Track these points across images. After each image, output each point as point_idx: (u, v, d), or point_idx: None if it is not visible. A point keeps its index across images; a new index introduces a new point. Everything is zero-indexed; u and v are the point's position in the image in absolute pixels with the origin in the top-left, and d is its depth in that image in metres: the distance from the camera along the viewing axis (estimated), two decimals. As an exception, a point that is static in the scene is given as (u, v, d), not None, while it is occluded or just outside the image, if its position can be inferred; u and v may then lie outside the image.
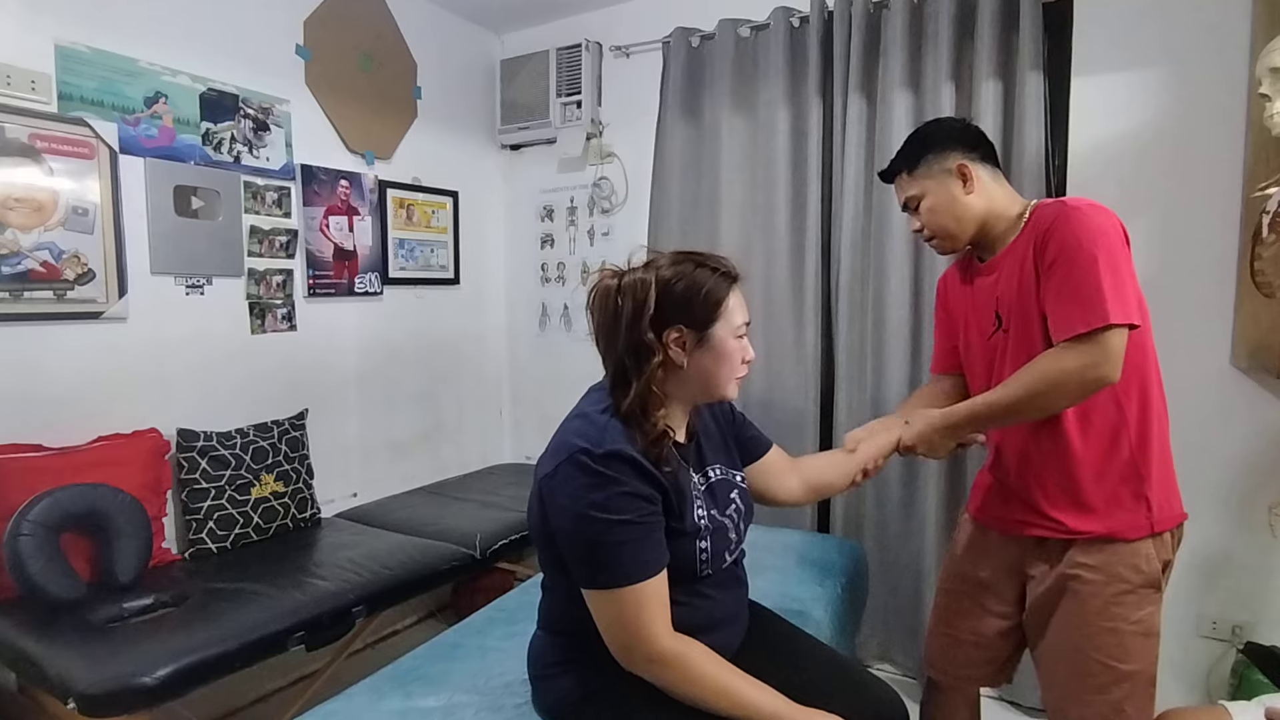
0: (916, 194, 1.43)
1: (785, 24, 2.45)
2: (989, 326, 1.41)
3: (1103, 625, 1.28)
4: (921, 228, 1.45)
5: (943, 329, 1.62)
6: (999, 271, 1.38)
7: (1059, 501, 1.32)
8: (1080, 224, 1.22)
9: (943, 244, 1.45)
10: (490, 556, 2.23)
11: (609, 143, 2.97)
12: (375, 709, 1.26)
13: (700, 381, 1.16)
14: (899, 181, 1.46)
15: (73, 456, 1.87)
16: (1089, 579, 1.29)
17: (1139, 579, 1.28)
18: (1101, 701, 1.29)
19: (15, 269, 1.82)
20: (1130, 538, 1.28)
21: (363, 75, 2.65)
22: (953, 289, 1.56)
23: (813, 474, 1.44)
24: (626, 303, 1.10)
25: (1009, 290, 1.34)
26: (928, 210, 1.42)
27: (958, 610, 1.53)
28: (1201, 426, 2.00)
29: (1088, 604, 1.29)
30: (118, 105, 2.00)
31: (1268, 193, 1.59)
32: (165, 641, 1.59)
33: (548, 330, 3.23)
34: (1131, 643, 1.28)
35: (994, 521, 1.46)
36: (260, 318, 2.38)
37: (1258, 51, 1.65)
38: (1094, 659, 1.29)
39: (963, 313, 1.51)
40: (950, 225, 1.41)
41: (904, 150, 1.46)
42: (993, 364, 1.39)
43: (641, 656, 1.05)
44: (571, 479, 1.04)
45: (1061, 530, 1.32)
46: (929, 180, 1.41)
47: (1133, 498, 1.29)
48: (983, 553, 1.49)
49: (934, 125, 1.50)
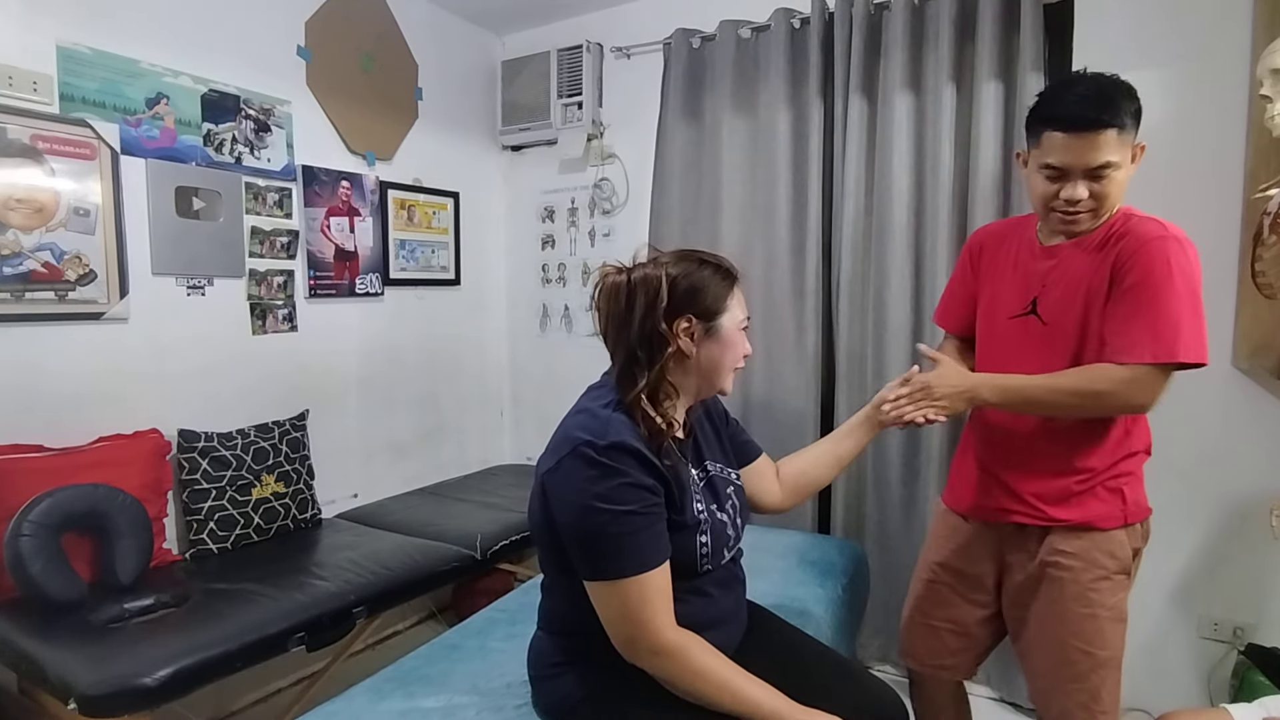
0: (1117, 159, 1.21)
1: (786, 25, 2.45)
2: (1017, 308, 1.37)
3: (1081, 611, 1.32)
4: (1080, 199, 1.24)
5: (964, 286, 1.54)
6: (1058, 259, 1.33)
7: (1044, 491, 1.34)
8: (1178, 256, 1.21)
9: (1089, 224, 1.28)
10: (491, 557, 2.23)
11: (610, 144, 2.97)
12: (376, 710, 1.26)
13: (705, 372, 1.18)
14: (1101, 139, 1.19)
15: (74, 457, 1.87)
16: (1068, 565, 1.32)
17: (1114, 565, 1.33)
18: (1080, 690, 1.33)
19: (17, 270, 1.83)
20: (1106, 527, 1.32)
21: (364, 76, 2.66)
22: (989, 252, 1.48)
23: (790, 476, 1.41)
24: (639, 295, 1.12)
25: (1063, 284, 1.32)
26: (1116, 182, 1.23)
27: (936, 599, 1.53)
28: (1202, 427, 2.00)
29: (1067, 589, 1.32)
30: (119, 106, 2.01)
31: (1268, 194, 1.59)
32: (166, 642, 1.60)
33: (548, 331, 3.23)
34: (1107, 628, 1.33)
35: (974, 510, 1.47)
36: (261, 318, 2.38)
37: (1258, 53, 1.65)
38: (1074, 646, 1.33)
39: (993, 281, 1.45)
40: (1115, 204, 1.27)
41: (1118, 101, 1.20)
42: (1018, 347, 1.37)
43: (645, 648, 1.06)
44: (575, 471, 1.05)
45: (1042, 518, 1.34)
46: (1126, 148, 1.22)
47: (1109, 491, 1.33)
48: (961, 542, 1.49)
49: (1129, 86, 1.24)
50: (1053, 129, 1.23)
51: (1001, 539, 1.43)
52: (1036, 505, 1.35)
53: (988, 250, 1.50)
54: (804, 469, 1.42)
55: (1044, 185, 1.28)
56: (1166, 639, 2.08)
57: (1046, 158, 1.25)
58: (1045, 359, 1.32)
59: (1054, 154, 1.24)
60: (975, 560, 1.47)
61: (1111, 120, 1.19)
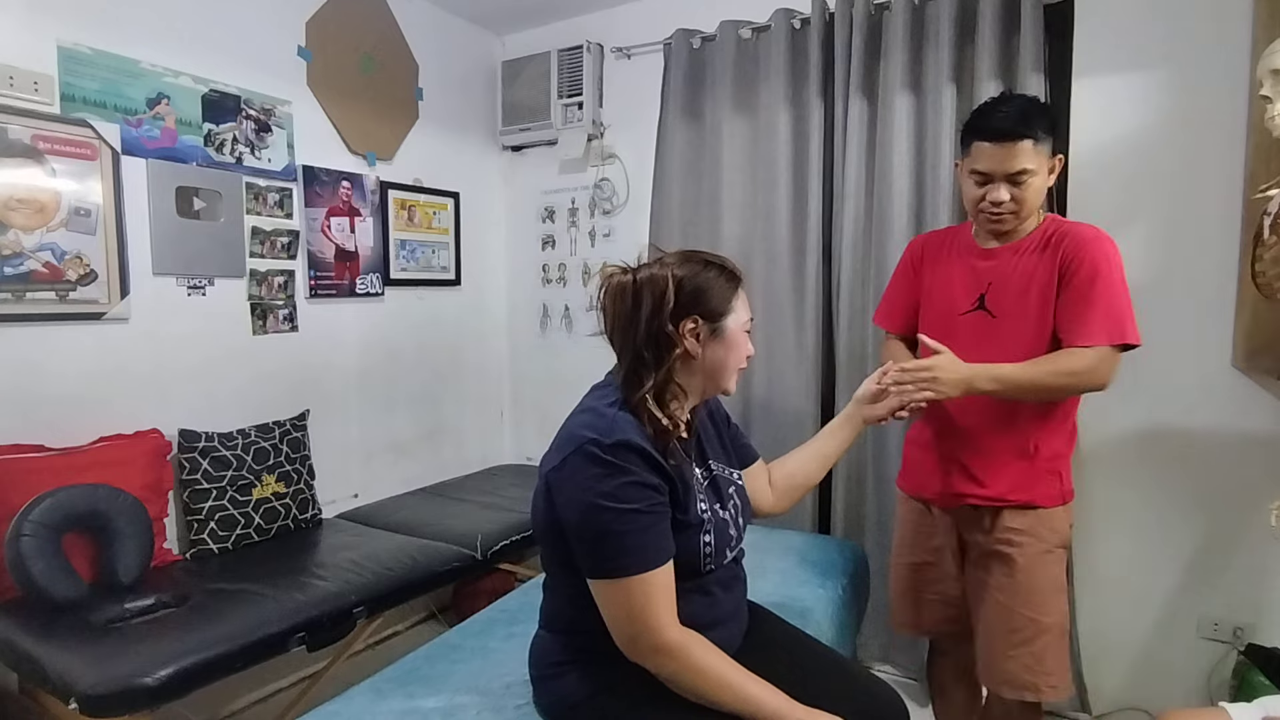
0: (1033, 167, 1.40)
1: (786, 26, 2.45)
2: (966, 305, 1.53)
3: (1028, 582, 1.47)
4: (1002, 201, 1.41)
5: (909, 287, 1.68)
6: (998, 260, 1.50)
7: (1000, 475, 1.49)
8: (1112, 252, 1.42)
9: (1013, 224, 1.46)
10: (491, 557, 2.23)
11: (610, 144, 2.97)
12: (376, 710, 1.26)
13: (710, 373, 1.19)
14: (1019, 148, 1.38)
15: (74, 457, 1.87)
16: (1017, 541, 1.48)
17: (1055, 540, 1.50)
18: (1026, 653, 1.47)
19: (18, 270, 1.83)
20: (1048, 506, 1.49)
21: (364, 77, 2.66)
22: (930, 256, 1.64)
23: (780, 480, 1.43)
24: (646, 296, 1.12)
25: (1010, 281, 1.48)
26: (1033, 188, 1.42)
27: (922, 578, 1.67)
28: (1202, 427, 2.00)
29: (1016, 563, 1.48)
30: (120, 106, 2.01)
31: (1269, 194, 1.59)
32: (167, 642, 1.59)
33: (549, 331, 3.23)
34: (1051, 598, 1.48)
35: (936, 497, 1.60)
36: (262, 318, 2.38)
37: (1258, 53, 1.65)
38: (1020, 614, 1.47)
39: (935, 282, 1.61)
40: (1034, 208, 1.46)
41: (1034, 118, 1.39)
42: (972, 340, 1.49)
43: (647, 646, 1.06)
44: (580, 470, 1.05)
45: (996, 501, 1.49)
46: (1042, 158, 1.41)
47: (1050, 474, 1.50)
48: (930, 525, 1.64)
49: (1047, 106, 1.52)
50: (980, 139, 1.43)
51: (958, 521, 1.58)
52: (993, 489, 1.49)
53: (929, 254, 1.65)
54: (792, 471, 1.44)
55: (973, 189, 1.46)
56: (1166, 639, 2.08)
57: (975, 164, 1.44)
58: (999, 350, 1.45)
59: (981, 161, 1.43)
60: (945, 539, 1.62)
61: (1027, 132, 1.38)
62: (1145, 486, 2.08)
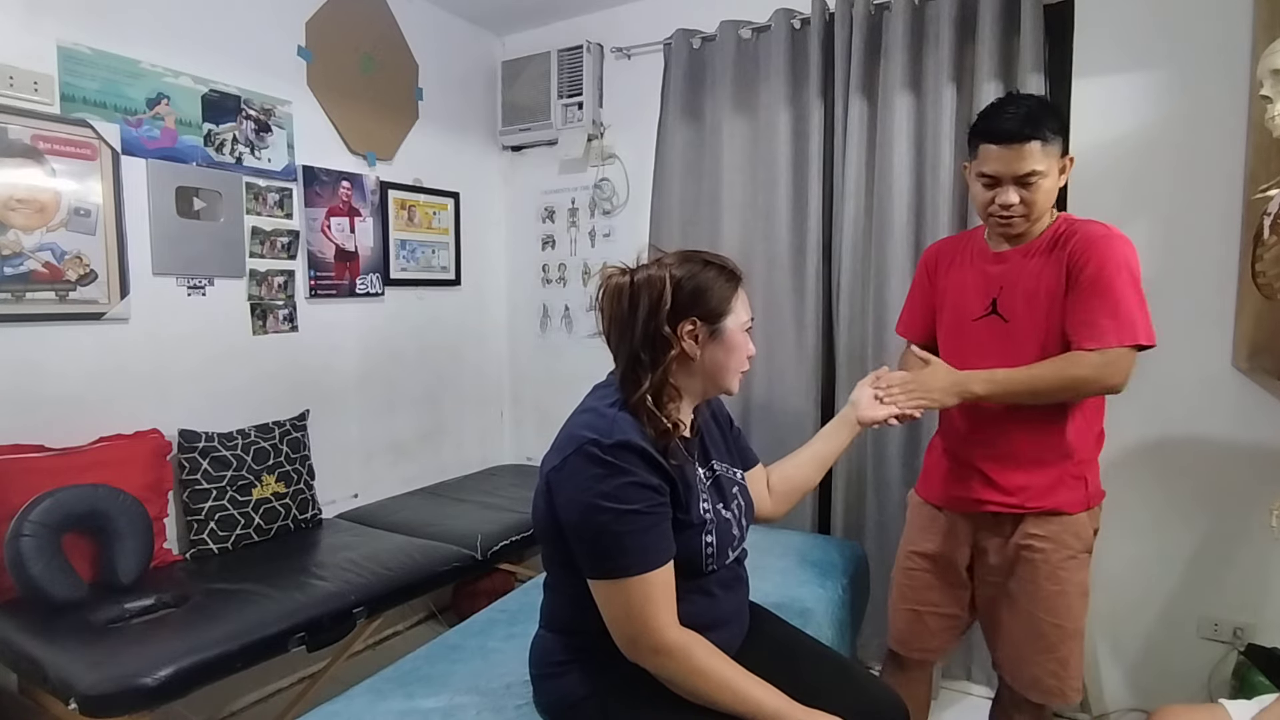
0: (1043, 169, 1.36)
1: (786, 26, 2.45)
2: (979, 310, 1.51)
3: (1053, 589, 1.45)
4: (1012, 204, 1.39)
5: (925, 296, 1.67)
6: (1009, 264, 1.48)
7: (1021, 482, 1.46)
8: (1123, 251, 1.37)
9: (1024, 227, 1.43)
10: (491, 558, 2.23)
11: (610, 144, 2.97)
12: (376, 710, 1.26)
13: (709, 374, 1.18)
14: (1027, 150, 1.35)
15: (74, 457, 1.87)
16: (1040, 547, 1.45)
17: (1080, 545, 1.47)
18: (1051, 659, 1.46)
19: (17, 270, 1.83)
20: (1072, 511, 1.46)
21: (364, 77, 2.66)
22: (944, 263, 1.63)
23: (777, 484, 1.42)
24: (643, 297, 1.12)
25: (1019, 284, 1.45)
26: (1043, 189, 1.38)
27: (920, 586, 1.64)
28: (1202, 427, 2.00)
29: (1040, 569, 1.45)
30: (120, 106, 2.01)
31: (1269, 194, 1.59)
32: (166, 642, 1.60)
33: (549, 331, 3.23)
34: (1075, 603, 1.47)
35: (952, 502, 1.58)
36: (262, 319, 2.38)
37: (1259, 53, 1.65)
38: (1045, 620, 1.46)
39: (949, 288, 1.59)
40: (1045, 210, 1.42)
41: (1042, 119, 1.36)
42: (985, 345, 1.48)
43: (647, 647, 1.06)
44: (580, 470, 1.05)
45: (1017, 506, 1.47)
46: (1051, 159, 1.37)
47: (1074, 479, 1.46)
48: (938, 532, 1.61)
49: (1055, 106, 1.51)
50: (987, 142, 1.40)
51: (976, 526, 1.55)
52: (1014, 496, 1.46)
53: (943, 261, 1.63)
54: (788, 474, 1.44)
55: (982, 192, 1.44)
56: (1166, 639, 2.09)
57: (982, 167, 1.42)
58: (1011, 354, 1.43)
59: (989, 164, 1.40)
60: (952, 547, 1.59)
61: (1035, 134, 1.35)
62: (1145, 486, 2.08)
